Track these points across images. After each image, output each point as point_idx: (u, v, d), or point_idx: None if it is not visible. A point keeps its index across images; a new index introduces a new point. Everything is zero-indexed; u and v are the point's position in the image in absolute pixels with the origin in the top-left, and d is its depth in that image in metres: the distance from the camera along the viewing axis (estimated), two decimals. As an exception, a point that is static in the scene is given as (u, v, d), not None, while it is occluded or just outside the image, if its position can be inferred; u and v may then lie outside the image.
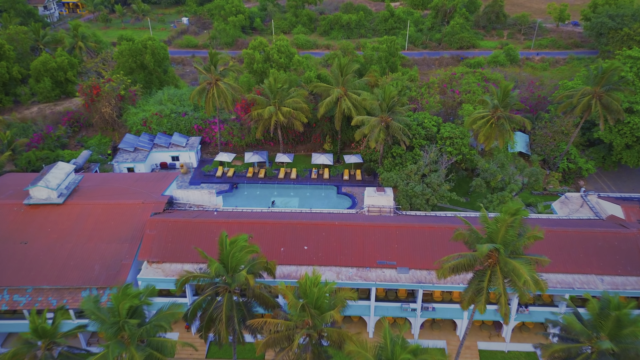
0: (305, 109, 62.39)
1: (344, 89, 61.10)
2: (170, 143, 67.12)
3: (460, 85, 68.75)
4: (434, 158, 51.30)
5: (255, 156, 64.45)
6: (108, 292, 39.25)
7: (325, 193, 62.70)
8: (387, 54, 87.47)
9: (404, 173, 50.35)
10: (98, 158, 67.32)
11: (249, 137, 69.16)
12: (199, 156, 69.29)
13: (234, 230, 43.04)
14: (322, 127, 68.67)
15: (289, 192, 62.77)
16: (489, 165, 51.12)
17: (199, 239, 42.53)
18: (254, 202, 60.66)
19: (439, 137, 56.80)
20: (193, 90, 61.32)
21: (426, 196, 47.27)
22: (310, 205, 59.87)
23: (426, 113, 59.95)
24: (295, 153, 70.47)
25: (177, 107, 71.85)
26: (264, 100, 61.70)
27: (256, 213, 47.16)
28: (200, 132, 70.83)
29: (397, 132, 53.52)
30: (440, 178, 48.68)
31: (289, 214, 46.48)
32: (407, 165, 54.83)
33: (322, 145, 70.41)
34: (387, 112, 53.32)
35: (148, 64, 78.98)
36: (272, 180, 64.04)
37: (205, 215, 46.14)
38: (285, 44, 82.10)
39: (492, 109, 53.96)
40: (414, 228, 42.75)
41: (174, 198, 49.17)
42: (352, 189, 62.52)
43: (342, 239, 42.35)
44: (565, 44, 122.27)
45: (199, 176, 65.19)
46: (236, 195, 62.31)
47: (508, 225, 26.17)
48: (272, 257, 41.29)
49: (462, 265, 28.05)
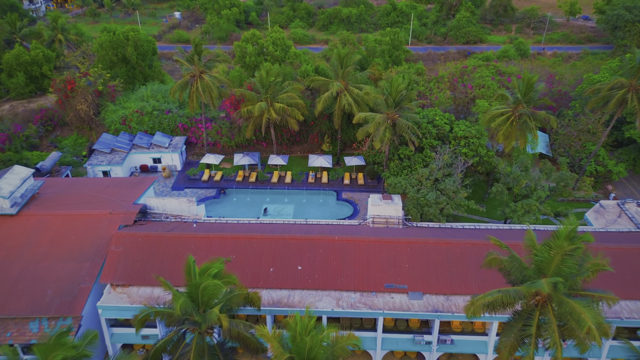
0: (301, 106, 55.76)
1: (344, 83, 54.51)
2: (152, 143, 60.49)
3: (473, 80, 62.17)
4: (448, 161, 44.68)
5: (246, 158, 57.83)
6: (61, 324, 32.60)
7: (323, 199, 56.09)
8: (390, 47, 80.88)
9: (413, 178, 43.72)
10: (72, 160, 60.67)
11: (239, 137, 62.53)
12: (183, 158, 62.66)
13: (214, 246, 36.53)
14: (320, 125, 62.07)
15: (282, 199, 56.16)
16: (511, 168, 44.48)
17: (173, 257, 35.94)
18: (243, 210, 54.04)
19: (452, 136, 50.19)
20: (174, 85, 54.57)
21: (440, 205, 40.65)
22: (307, 213, 53.27)
23: (437, 109, 53.34)
24: (290, 154, 63.86)
25: (160, 104, 65.20)
26: (254, 96, 55.08)
27: (242, 225, 40.50)
28: (185, 131, 64.20)
29: (405, 131, 46.91)
30: (456, 184, 42.06)
31: (281, 227, 39.84)
32: (416, 169, 48.22)
33: (320, 146, 63.81)
34: (393, 108, 46.70)
35: (130, 57, 72.33)
36: (264, 185, 57.43)
37: (183, 227, 39.51)
38: (281, 36, 75.61)
39: (513, 105, 47.37)
40: (428, 244, 36.13)
41: (149, 207, 42.54)
42: (354, 195, 55.92)
43: (342, 257, 35.73)
44: (577, 39, 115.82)
45: (183, 180, 58.53)
46: (224, 201, 55.68)
47: (566, 253, 19.58)
48: (259, 279, 34.76)
49: (500, 303, 21.44)
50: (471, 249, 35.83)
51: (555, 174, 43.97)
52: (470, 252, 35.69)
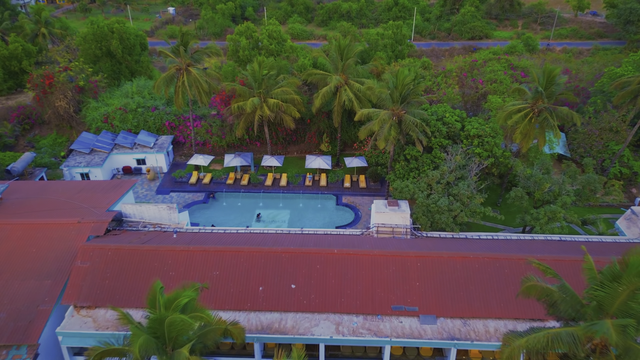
0: (298, 102, 50.99)
1: (345, 77, 49.77)
2: (135, 143, 55.71)
3: (484, 74, 57.43)
4: (460, 162, 39.92)
5: (237, 159, 53.06)
6: (14, 354, 27.85)
7: (322, 204, 51.33)
8: (393, 42, 76.18)
9: (422, 181, 38.94)
10: (49, 162, 55.85)
11: (230, 136, 57.76)
12: (170, 159, 57.88)
13: (196, 261, 31.78)
14: (318, 123, 57.34)
15: (277, 203, 51.38)
16: (531, 171, 39.73)
17: (148, 273, 31.19)
18: (234, 216, 49.27)
19: (463, 135, 45.43)
20: (158, 78, 49.75)
21: (454, 212, 35.90)
22: (304, 219, 48.53)
23: (446, 106, 48.59)
24: (285, 155, 59.13)
25: (146, 101, 60.41)
26: (246, 91, 50.30)
27: (229, 235, 35.70)
28: (172, 130, 59.43)
29: (412, 129, 42.15)
30: (470, 188, 37.31)
31: (272, 237, 35.05)
32: (425, 171, 43.47)
33: (318, 146, 59.09)
34: (399, 104, 41.94)
35: (115, 51, 67.52)
36: (257, 189, 52.66)
37: (162, 238, 34.75)
38: (277, 29, 70.99)
39: (532, 100, 42.64)
40: (442, 258, 31.38)
41: (124, 215, 37.77)
42: (355, 199, 51.17)
43: (343, 273, 30.97)
44: (587, 34, 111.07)
45: (169, 183, 53.75)
46: (213, 206, 50.90)
47: (635, 289, 14.82)
48: (246, 299, 30.00)
49: (544, 344, 16.68)
50: (492, 264, 31.11)
51: (581, 177, 39.25)
52: (490, 268, 30.98)
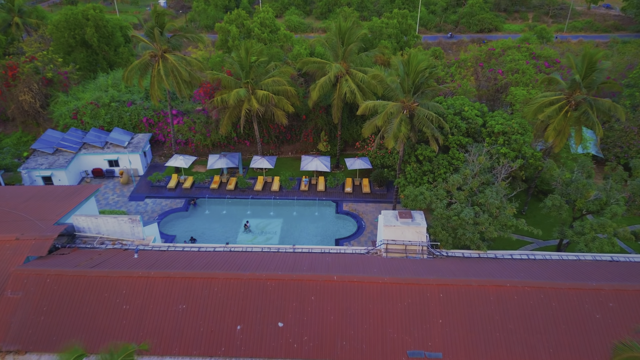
0: (291, 94, 44.24)
1: (346, 65, 43.05)
2: (107, 142, 48.94)
3: (503, 64, 50.71)
4: (485, 164, 33.17)
5: (223, 160, 46.29)
6: None
7: (319, 212, 44.58)
8: (397, 31, 69.42)
9: (440, 188, 32.15)
10: (10, 163, 49.07)
11: (216, 134, 51.01)
12: (148, 160, 51.15)
13: (157, 290, 25.04)
14: (316, 120, 50.62)
15: (268, 211, 44.62)
16: (570, 175, 32.98)
17: (95, 306, 24.43)
18: (217, 226, 42.53)
19: (485, 132, 38.69)
20: (128, 67, 42.91)
21: (481, 226, 29.12)
22: (298, 230, 41.80)
23: (465, 98, 41.88)
24: (278, 156, 52.39)
25: (121, 95, 53.66)
26: (232, 81, 43.56)
27: (204, 255, 28.90)
28: (151, 127, 52.69)
29: (426, 125, 35.43)
30: (500, 196, 30.55)
31: (257, 258, 28.25)
32: (440, 174, 36.72)
33: (315, 146, 52.37)
34: (412, 95, 35.18)
35: (90, 40, 60.74)
36: (245, 194, 45.91)
37: (119, 259, 27.97)
38: (270, 16, 64.25)
39: (568, 91, 35.98)
40: (470, 287, 24.62)
41: (77, 228, 30.98)
42: (358, 206, 44.43)
43: (344, 307, 24.22)
44: (602, 27, 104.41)
45: (145, 188, 46.98)
46: (193, 215, 44.14)
47: None
48: (219, 342, 23.28)
49: None
50: (535, 295, 24.36)
51: (634, 182, 32.50)
52: (533, 300, 24.22)
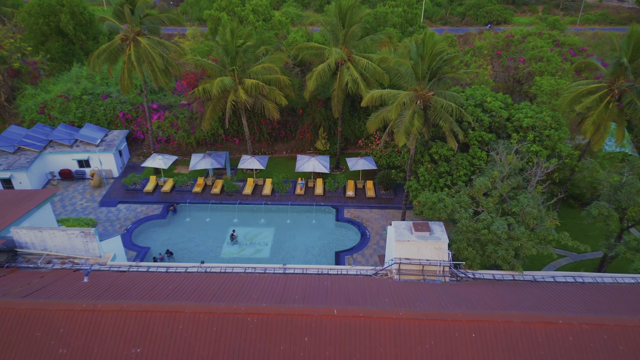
0: (285, 84, 38.55)
1: (347, 51, 37.42)
2: (76, 139, 43.25)
3: (524, 52, 45.05)
4: (516, 165, 27.48)
5: (207, 160, 40.61)
6: None
7: (317, 219, 38.92)
8: (403, 21, 63.82)
9: (463, 194, 26.46)
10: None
11: (201, 130, 45.34)
12: (124, 160, 45.49)
13: (106, 328, 19.43)
14: (313, 114, 44.99)
15: (258, 218, 38.95)
16: (619, 177, 27.30)
17: (23, 350, 18.76)
18: (199, 236, 36.86)
19: (511, 126, 33.01)
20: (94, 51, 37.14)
21: (516, 242, 23.44)
22: (292, 241, 36.16)
23: (486, 88, 36.24)
24: (271, 155, 46.72)
25: (95, 87, 47.99)
26: (216, 69, 37.89)
27: (172, 278, 23.19)
28: (128, 123, 47.02)
29: (444, 118, 29.77)
30: (537, 203, 24.86)
31: (237, 282, 22.53)
32: (459, 177, 31.05)
33: (312, 144, 46.73)
34: (427, 82, 29.50)
35: (65, 28, 55.13)
36: (232, 199, 40.24)
37: (63, 284, 22.28)
38: (264, 3, 58.71)
39: (610, 78, 30.35)
40: (512, 325, 18.95)
41: (19, 244, 25.28)
42: (361, 213, 38.76)
43: (347, 351, 18.55)
44: (617, 19, 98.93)
45: (118, 192, 41.30)
46: (172, 223, 38.46)
47: None
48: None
49: None
50: (596, 335, 18.70)
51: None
52: (594, 342, 18.57)
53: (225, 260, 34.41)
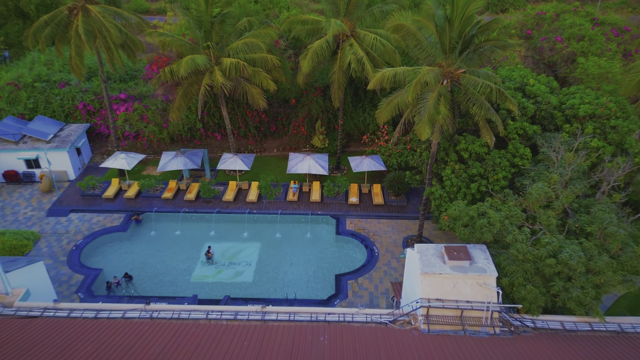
0: (273, 64, 31.22)
1: (350, 25, 30.16)
2: (23, 135, 36.02)
3: (561, 30, 37.86)
4: (580, 166, 20.28)
5: (179, 159, 33.37)
6: None
7: (313, 232, 31.67)
8: (411, 3, 56.58)
9: (512, 205, 19.18)
10: None
11: (175, 124, 38.14)
12: (84, 159, 38.29)
13: None
14: (309, 105, 37.78)
15: (241, 231, 31.72)
16: None
17: None
18: (166, 255, 29.65)
19: (560, 116, 25.76)
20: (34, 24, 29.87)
21: (598, 277, 16.19)
22: (282, 260, 28.96)
23: (525, 69, 29.05)
24: (259, 154, 39.53)
25: (52, 74, 40.80)
26: (186, 46, 30.65)
27: (96, 329, 15.91)
28: (90, 115, 39.83)
29: (478, 103, 22.57)
30: (619, 220, 17.63)
31: (191, 340, 15.26)
32: (498, 181, 23.79)
33: (308, 140, 39.52)
34: (457, 56, 22.25)
35: (26, 9, 47.97)
36: (210, 206, 33.03)
37: None
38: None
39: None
40: None
41: None
42: (367, 224, 31.52)
43: None
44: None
45: (72, 198, 34.07)
46: (135, 237, 31.20)
47: None
48: None
49: None
50: None
51: None
52: None
53: (197, 285, 27.21)
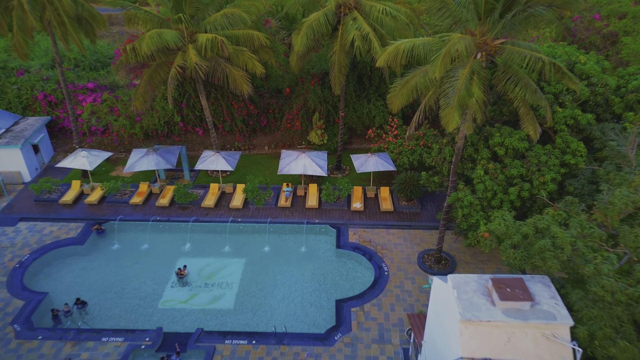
0: (260, 44, 25.84)
1: (354, -6, 24.85)
2: (-32, 129, 30.74)
3: (598, 7, 32.57)
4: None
5: (150, 158, 28.04)
6: None
7: (309, 246, 26.34)
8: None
9: (591, 223, 13.80)
10: None
11: (150, 116, 32.83)
12: (44, 158, 32.99)
13: None
14: (305, 95, 32.44)
15: (221, 245, 26.38)
16: None
17: None
18: (130, 273, 24.35)
19: (619, 102, 20.41)
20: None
21: None
22: (271, 282, 23.67)
23: (571, 46, 23.82)
24: (246, 151, 34.18)
25: (8, 60, 35.51)
26: (154, 19, 25.31)
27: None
28: (52, 107, 34.54)
29: (523, 84, 17.25)
30: None
31: None
32: (546, 184, 18.43)
33: (304, 135, 34.15)
34: (495, 22, 16.92)
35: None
36: (186, 214, 27.72)
37: None
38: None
39: None
40: None
41: None
42: (374, 236, 26.19)
43: None
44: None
45: (25, 203, 28.75)
46: (94, 251, 25.87)
47: None
48: None
49: None
50: None
51: None
52: None
53: (165, 313, 21.91)
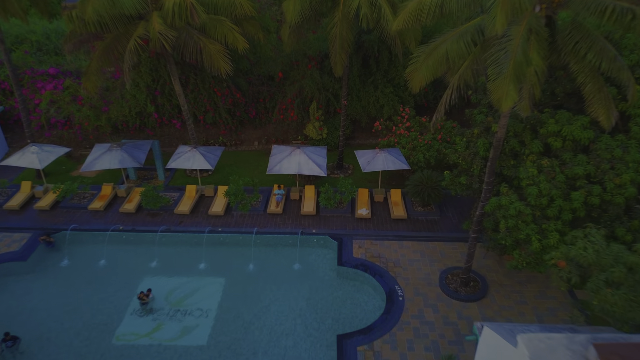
0: (244, 13, 20.98)
1: (360, -50, 19.91)
2: None
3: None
4: None
5: (114, 155, 23.20)
6: None
7: (304, 262, 21.45)
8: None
9: None
10: None
11: (120, 106, 27.98)
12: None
13: None
14: (301, 80, 27.58)
15: (195, 261, 21.48)
16: None
17: None
18: (80, 298, 19.48)
19: None
20: None
21: None
22: (256, 309, 18.79)
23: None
24: (232, 148, 29.30)
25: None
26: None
27: None
28: (6, 97, 29.76)
29: (596, 50, 12.46)
30: None
31: None
32: (624, 187, 13.52)
33: (301, 128, 29.27)
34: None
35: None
36: (157, 222, 22.86)
37: None
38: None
39: None
40: None
41: None
42: (383, 249, 21.28)
43: None
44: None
45: (-39, 209, 23.94)
46: (39, 269, 21.00)
47: None
48: None
49: None
50: None
51: None
52: None
53: (121, 351, 17.08)
